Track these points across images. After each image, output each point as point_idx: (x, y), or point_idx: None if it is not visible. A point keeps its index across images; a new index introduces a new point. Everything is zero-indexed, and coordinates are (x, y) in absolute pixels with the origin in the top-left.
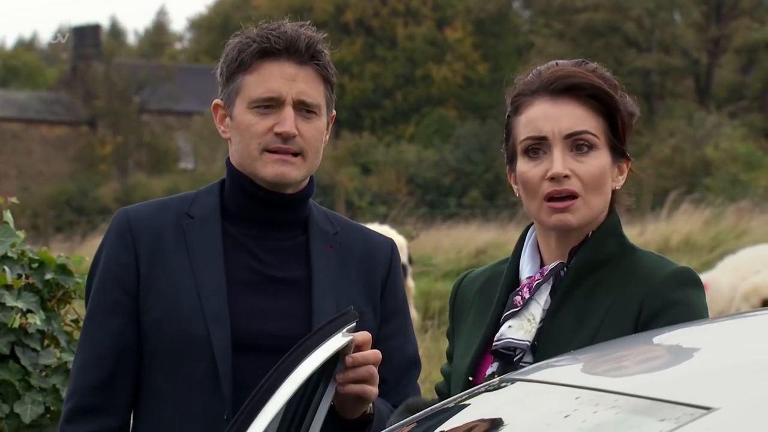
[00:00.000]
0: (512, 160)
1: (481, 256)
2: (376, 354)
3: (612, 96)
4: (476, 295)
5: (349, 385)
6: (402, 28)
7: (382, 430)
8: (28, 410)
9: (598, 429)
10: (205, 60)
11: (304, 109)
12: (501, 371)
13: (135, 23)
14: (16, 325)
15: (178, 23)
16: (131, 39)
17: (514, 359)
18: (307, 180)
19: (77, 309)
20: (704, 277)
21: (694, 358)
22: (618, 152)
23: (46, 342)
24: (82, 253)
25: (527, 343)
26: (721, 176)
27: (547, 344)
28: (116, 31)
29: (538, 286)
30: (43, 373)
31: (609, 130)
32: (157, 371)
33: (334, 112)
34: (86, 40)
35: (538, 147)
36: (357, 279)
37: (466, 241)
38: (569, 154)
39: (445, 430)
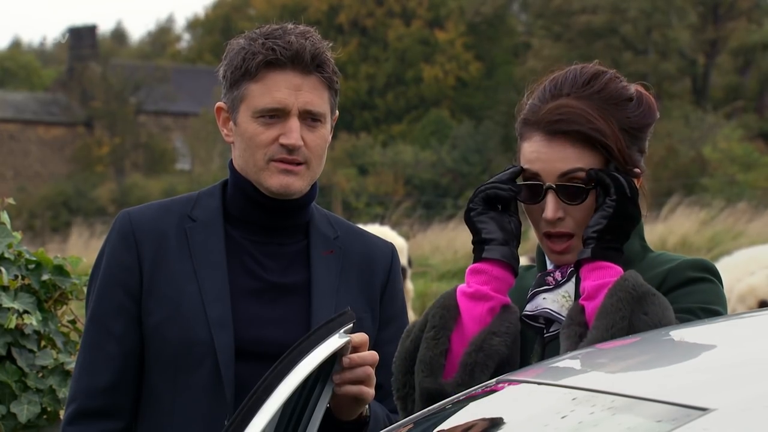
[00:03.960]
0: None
1: None
2: (373, 355)
3: (604, 134)
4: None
5: (346, 386)
6: (396, 30)
7: (380, 431)
8: (24, 411)
9: (594, 430)
10: (206, 60)
11: (309, 118)
12: (530, 340)
13: (139, 26)
14: (12, 326)
15: (179, 24)
16: (134, 41)
17: (545, 334)
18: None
19: (74, 310)
20: None
21: (690, 359)
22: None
23: (42, 343)
24: (77, 253)
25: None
26: (718, 177)
27: None
28: (120, 34)
29: (572, 273)
30: (40, 374)
31: (607, 161)
32: (158, 375)
33: (337, 113)
34: (83, 41)
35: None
36: (356, 284)
37: (463, 242)
38: (563, 200)
39: (443, 430)
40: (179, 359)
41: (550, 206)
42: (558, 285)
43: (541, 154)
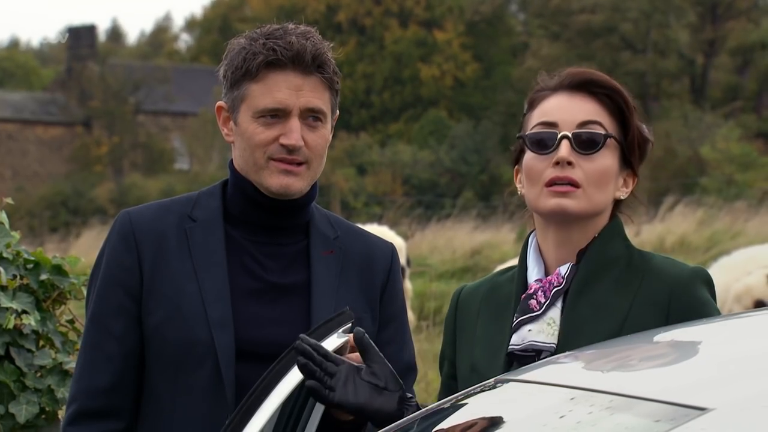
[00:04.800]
0: (520, 156)
1: (476, 257)
2: None
3: (625, 97)
4: (483, 302)
5: None
6: (393, 32)
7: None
8: (23, 410)
9: (592, 429)
10: (202, 61)
11: (310, 116)
12: None
13: (136, 26)
14: (11, 325)
15: (176, 23)
16: (131, 41)
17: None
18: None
19: (72, 310)
20: None
21: (688, 359)
22: (626, 162)
23: (41, 343)
24: (75, 252)
25: (553, 345)
26: (716, 177)
27: (568, 339)
28: (117, 34)
29: (558, 293)
30: (38, 374)
31: (621, 134)
32: (158, 375)
33: (338, 112)
34: (81, 40)
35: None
36: (356, 284)
37: (461, 242)
38: (577, 149)
39: (443, 429)
40: (179, 359)
41: (564, 148)
42: (542, 310)
43: (562, 104)
